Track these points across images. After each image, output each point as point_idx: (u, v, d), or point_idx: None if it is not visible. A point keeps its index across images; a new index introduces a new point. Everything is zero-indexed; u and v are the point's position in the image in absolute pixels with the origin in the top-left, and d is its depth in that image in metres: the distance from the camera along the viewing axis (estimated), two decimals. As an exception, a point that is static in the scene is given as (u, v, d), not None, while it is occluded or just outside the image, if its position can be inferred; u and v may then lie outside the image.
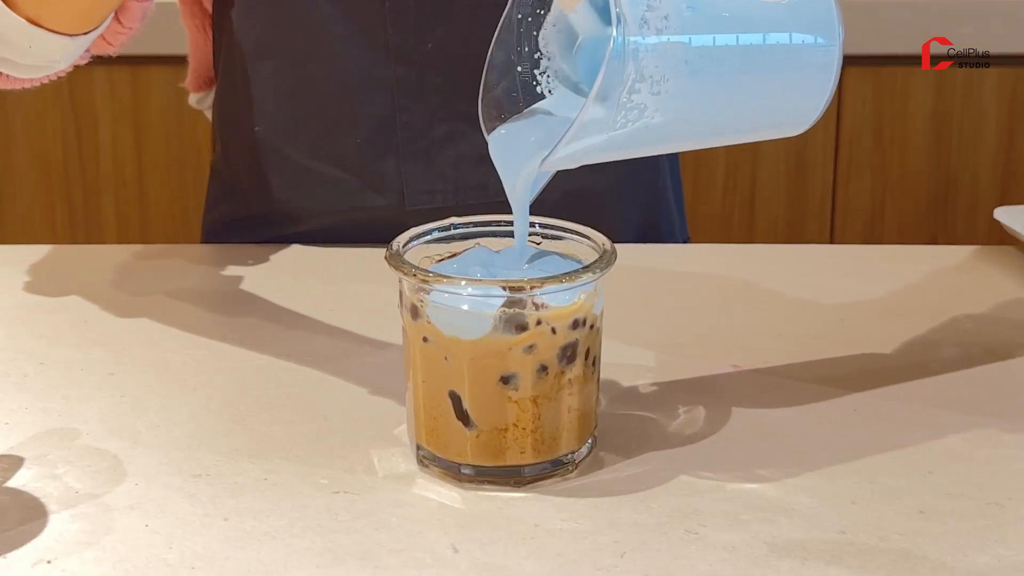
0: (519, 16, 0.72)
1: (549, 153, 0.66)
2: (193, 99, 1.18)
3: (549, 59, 0.72)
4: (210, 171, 1.18)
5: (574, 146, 0.66)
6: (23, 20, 0.87)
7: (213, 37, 1.12)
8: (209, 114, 1.18)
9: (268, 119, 1.07)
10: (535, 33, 0.72)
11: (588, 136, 0.66)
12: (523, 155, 0.71)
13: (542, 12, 0.72)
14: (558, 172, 0.72)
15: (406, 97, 1.04)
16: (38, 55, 0.90)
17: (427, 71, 1.03)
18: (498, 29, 0.72)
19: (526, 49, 0.73)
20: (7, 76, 0.92)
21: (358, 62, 1.04)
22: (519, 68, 0.73)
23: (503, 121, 0.73)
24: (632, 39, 0.64)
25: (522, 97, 0.73)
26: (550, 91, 0.73)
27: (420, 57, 1.03)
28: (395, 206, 1.06)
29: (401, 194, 1.06)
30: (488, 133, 0.73)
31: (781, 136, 0.74)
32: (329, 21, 1.03)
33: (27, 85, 0.94)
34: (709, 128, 0.71)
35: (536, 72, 0.73)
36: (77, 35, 0.89)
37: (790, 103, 0.72)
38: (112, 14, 0.92)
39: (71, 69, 0.94)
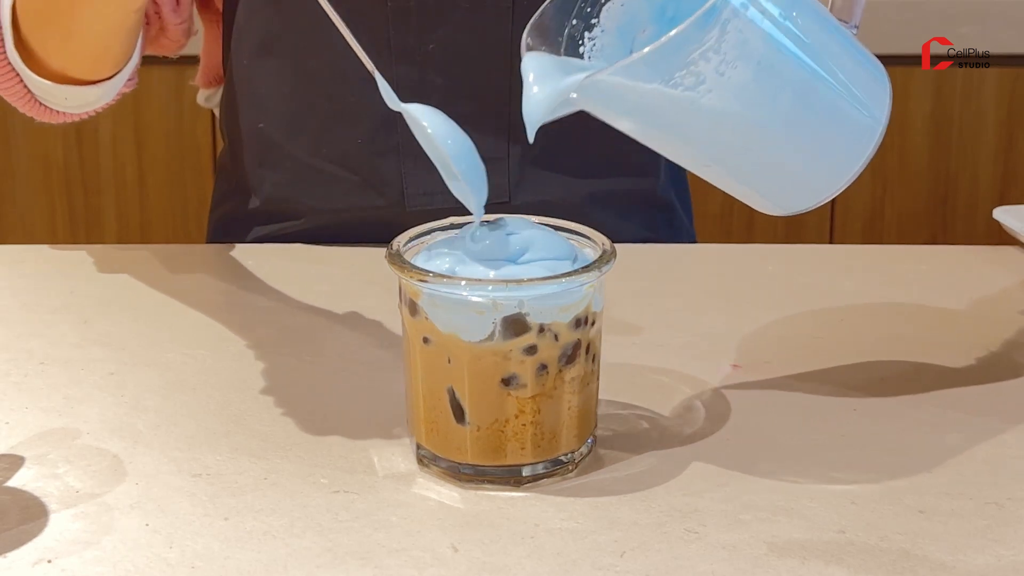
0: None
1: (596, 72, 0.65)
2: (201, 96, 1.19)
3: (603, 31, 0.72)
4: (217, 168, 1.18)
5: (620, 78, 0.64)
6: (49, 83, 0.94)
7: (223, 33, 1.12)
8: (217, 112, 1.18)
9: (271, 116, 1.08)
10: (603, 1, 0.72)
11: (640, 77, 0.64)
12: (554, 78, 0.70)
13: None
14: (558, 173, 0.71)
15: (407, 97, 1.04)
16: (76, 105, 0.98)
17: (428, 71, 1.03)
18: None
19: (588, 9, 0.72)
20: (57, 112, 1.00)
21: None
22: (574, 21, 0.72)
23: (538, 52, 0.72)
24: (732, 5, 0.63)
25: (564, 46, 0.72)
26: (589, 58, 0.72)
27: (421, 57, 1.03)
28: (396, 206, 1.06)
29: (402, 194, 1.06)
30: (526, 51, 0.72)
31: (787, 207, 0.72)
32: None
33: (76, 119, 1.00)
34: (740, 140, 0.69)
35: (587, 35, 0.72)
36: (103, 81, 0.93)
37: (822, 158, 0.71)
38: (136, 55, 0.96)
39: (119, 97, 0.99)
